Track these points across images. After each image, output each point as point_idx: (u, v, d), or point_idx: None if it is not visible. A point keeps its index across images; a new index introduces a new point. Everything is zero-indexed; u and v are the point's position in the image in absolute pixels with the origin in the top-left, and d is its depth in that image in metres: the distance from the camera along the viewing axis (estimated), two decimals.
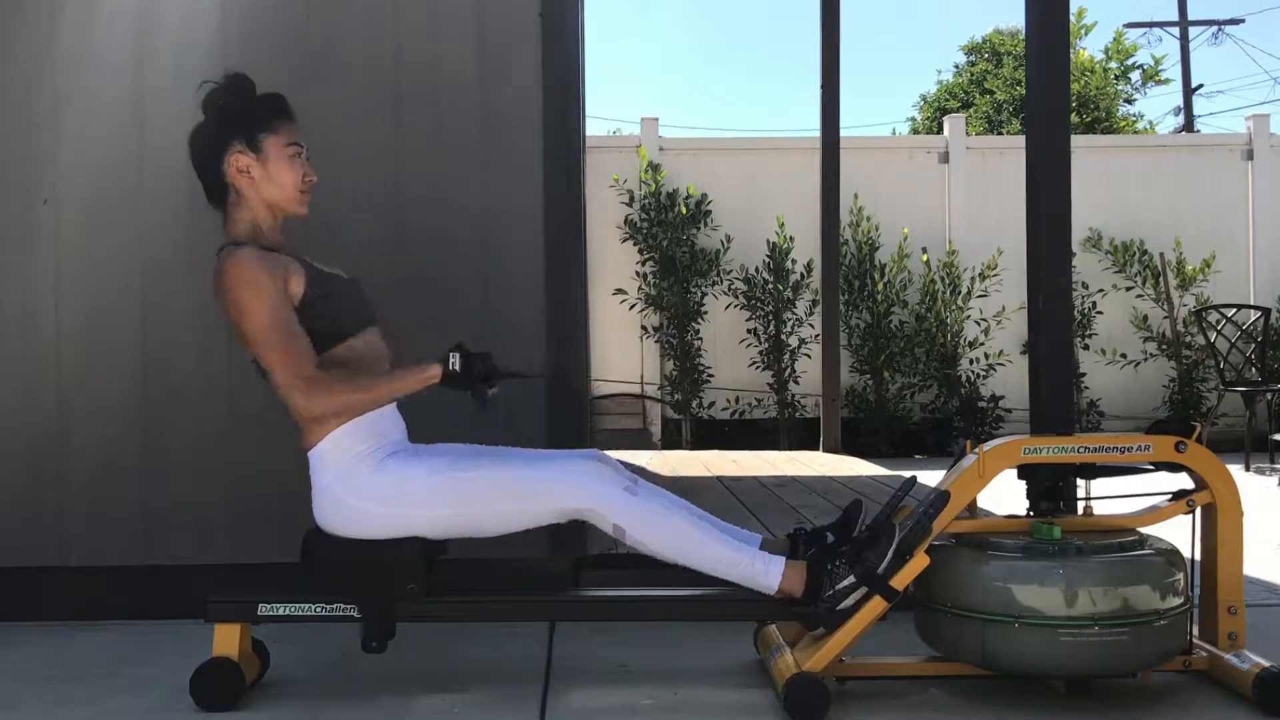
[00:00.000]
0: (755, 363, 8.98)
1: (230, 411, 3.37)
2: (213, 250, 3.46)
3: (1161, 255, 9.13)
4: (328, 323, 2.51)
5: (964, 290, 8.99)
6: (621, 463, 2.61)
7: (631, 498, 2.46)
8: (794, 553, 2.59)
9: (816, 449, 7.22)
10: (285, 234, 2.66)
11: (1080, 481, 2.66)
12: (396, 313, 3.34)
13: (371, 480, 2.46)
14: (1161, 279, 9.12)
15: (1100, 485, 2.64)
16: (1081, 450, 2.48)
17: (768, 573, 2.46)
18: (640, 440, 8.74)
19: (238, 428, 3.37)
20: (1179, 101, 24.74)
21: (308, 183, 2.61)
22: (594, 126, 32.64)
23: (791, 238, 8.93)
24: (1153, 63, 21.77)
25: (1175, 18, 22.38)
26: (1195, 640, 2.51)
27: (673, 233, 9.00)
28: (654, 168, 9.12)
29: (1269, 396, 7.87)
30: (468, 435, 2.72)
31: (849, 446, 7.38)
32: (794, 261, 8.96)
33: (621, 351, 9.11)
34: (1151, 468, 2.56)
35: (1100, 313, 9.17)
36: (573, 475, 2.47)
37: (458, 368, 2.45)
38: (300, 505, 3.35)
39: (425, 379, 2.47)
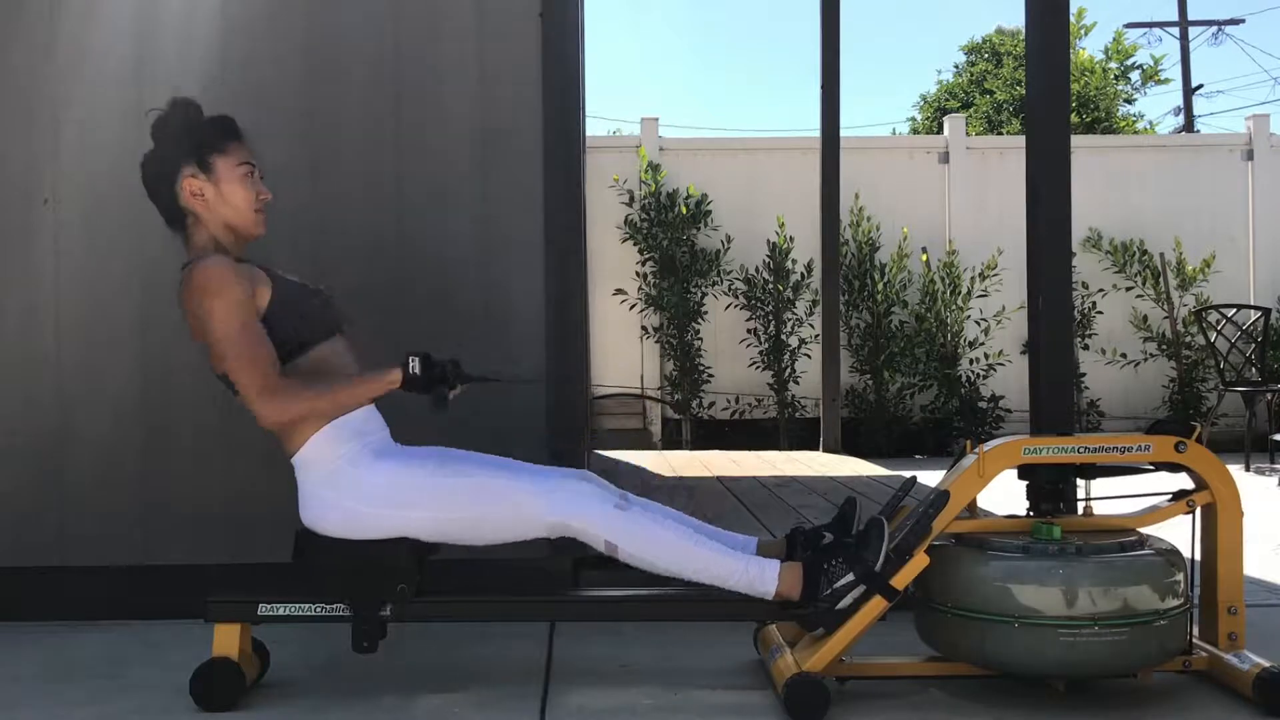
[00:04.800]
0: (755, 363, 8.98)
1: (230, 411, 3.36)
2: None
3: (1161, 255, 9.13)
4: (292, 332, 2.52)
5: (964, 290, 8.99)
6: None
7: (622, 514, 2.47)
8: (791, 553, 2.60)
9: (816, 449, 7.21)
10: (248, 250, 2.66)
11: (1080, 481, 2.66)
12: (396, 313, 3.36)
13: (360, 480, 2.46)
14: (1161, 279, 9.12)
15: (1100, 485, 2.64)
16: (1081, 450, 2.48)
17: (763, 578, 2.46)
18: (640, 440, 8.74)
19: (237, 428, 3.36)
20: (1179, 101, 24.76)
21: (262, 201, 2.61)
22: (594, 126, 32.65)
23: (791, 238, 8.93)
24: (1152, 63, 21.78)
25: (1175, 18, 22.39)
26: (1195, 640, 2.51)
27: (673, 233, 9.00)
28: (654, 168, 9.12)
29: (1269, 396, 7.87)
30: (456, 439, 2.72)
31: (849, 446, 7.37)
32: (794, 261, 8.96)
33: (621, 351, 9.11)
34: (1151, 468, 2.56)
35: (1100, 313, 9.17)
36: (564, 491, 2.48)
37: (417, 370, 2.47)
38: (297, 504, 3.35)
39: (386, 383, 2.49)
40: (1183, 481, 2.59)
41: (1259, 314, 8.04)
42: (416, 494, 2.46)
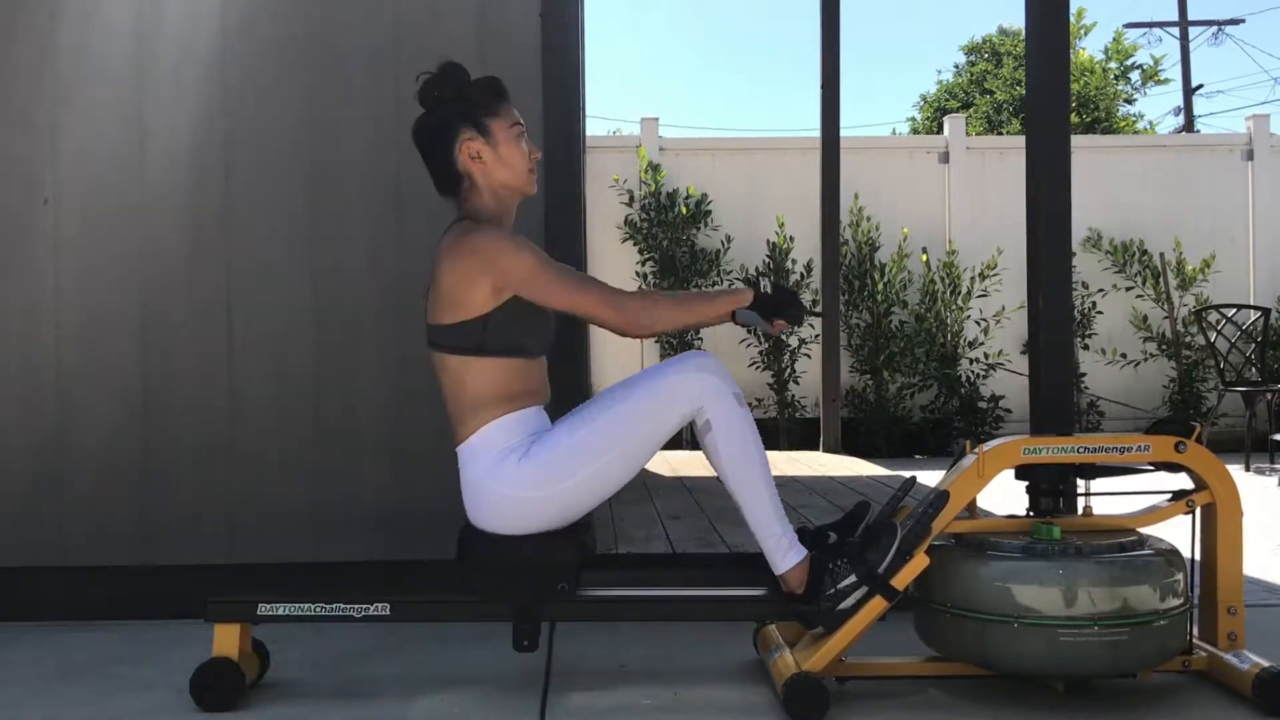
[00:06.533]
0: (755, 363, 8.98)
1: (230, 412, 3.38)
2: (213, 249, 3.47)
3: (1161, 255, 9.13)
4: (525, 332, 2.48)
5: (964, 290, 8.99)
6: None
7: (738, 405, 2.47)
8: None
9: (816, 449, 7.21)
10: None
11: (1080, 481, 2.66)
12: (397, 314, 3.36)
13: (520, 469, 2.43)
14: (1161, 279, 9.12)
15: (1100, 485, 2.64)
16: (1081, 450, 2.48)
17: (789, 553, 2.46)
18: None
19: (237, 428, 3.38)
20: (1179, 101, 24.76)
21: (534, 160, 2.58)
22: (594, 126, 32.66)
23: (791, 238, 8.93)
24: (1152, 63, 21.78)
25: (1175, 18, 22.39)
26: (1195, 640, 2.52)
27: (673, 233, 9.00)
28: (654, 168, 9.12)
29: (1269, 396, 7.86)
30: None
31: (849, 446, 7.37)
32: (794, 261, 8.96)
33: (621, 352, 9.10)
34: (1151, 468, 2.56)
35: (1100, 313, 9.17)
36: (691, 370, 2.46)
37: (769, 289, 2.49)
38: (299, 505, 3.36)
39: (737, 300, 2.49)
40: (1182, 481, 2.59)
41: (1259, 314, 8.04)
42: (575, 453, 2.43)
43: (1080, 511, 2.61)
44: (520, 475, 2.43)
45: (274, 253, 3.40)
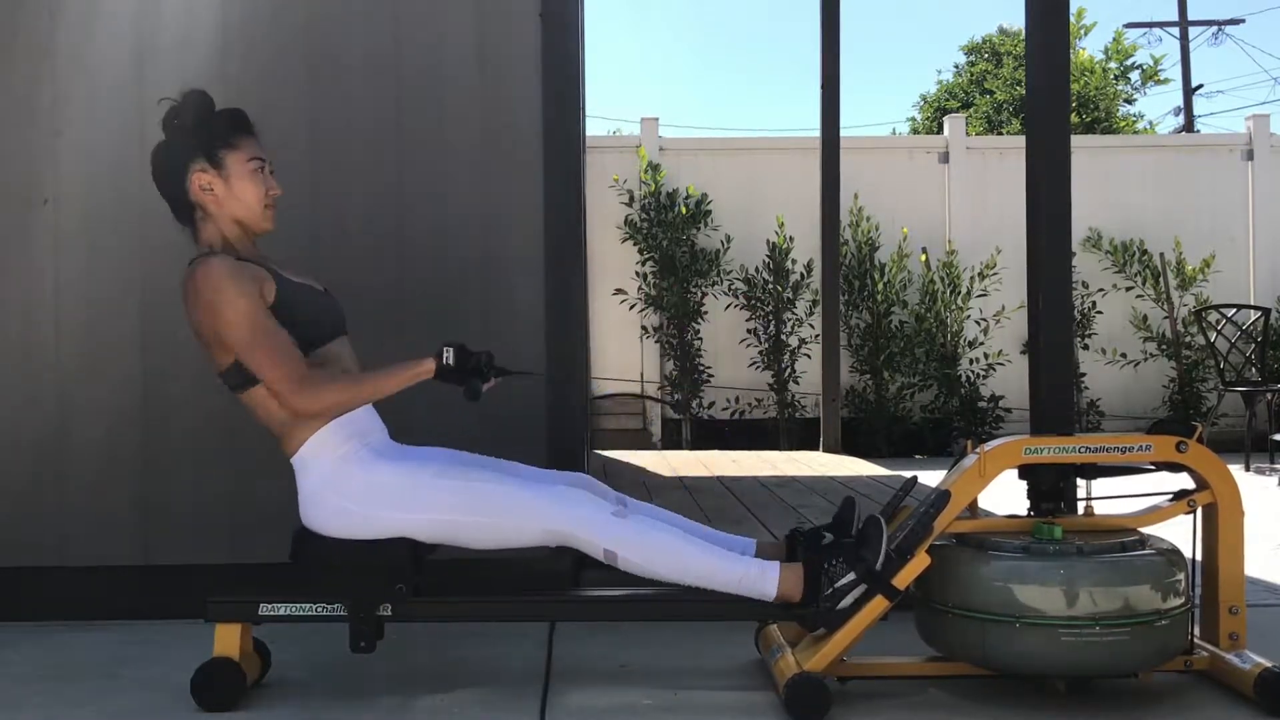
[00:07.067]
0: (755, 363, 8.98)
1: (230, 411, 3.36)
2: None
3: (1161, 255, 9.13)
4: (298, 330, 2.49)
5: (964, 290, 8.99)
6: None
7: (620, 521, 2.46)
8: (791, 554, 2.60)
9: (816, 449, 7.21)
10: (260, 246, 2.63)
11: (1081, 481, 2.66)
12: (397, 314, 3.36)
13: (359, 482, 2.45)
14: (1161, 279, 9.12)
15: (1101, 485, 2.64)
16: (1082, 450, 2.48)
17: (764, 580, 2.46)
18: (640, 440, 8.74)
19: (238, 427, 3.36)
20: (1179, 101, 24.76)
21: (272, 197, 2.58)
22: (594, 126, 32.66)
23: (791, 238, 8.93)
24: (1152, 63, 21.78)
25: (1175, 18, 22.38)
26: (1196, 640, 2.51)
27: (673, 233, 9.00)
28: (654, 168, 9.12)
29: (1269, 396, 7.86)
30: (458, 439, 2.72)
31: (849, 446, 7.37)
32: (794, 261, 8.96)
33: (621, 352, 9.10)
34: (1152, 468, 2.55)
35: (1100, 313, 9.17)
36: (562, 499, 2.47)
37: (451, 361, 2.46)
38: (298, 504, 3.35)
39: (419, 373, 2.48)
40: (1183, 481, 2.59)
41: (1259, 314, 8.04)
42: (416, 497, 2.45)
43: (1081, 511, 2.61)
44: (360, 488, 2.45)
45: (274, 252, 3.39)
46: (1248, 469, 7.20)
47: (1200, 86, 23.09)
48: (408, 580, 2.48)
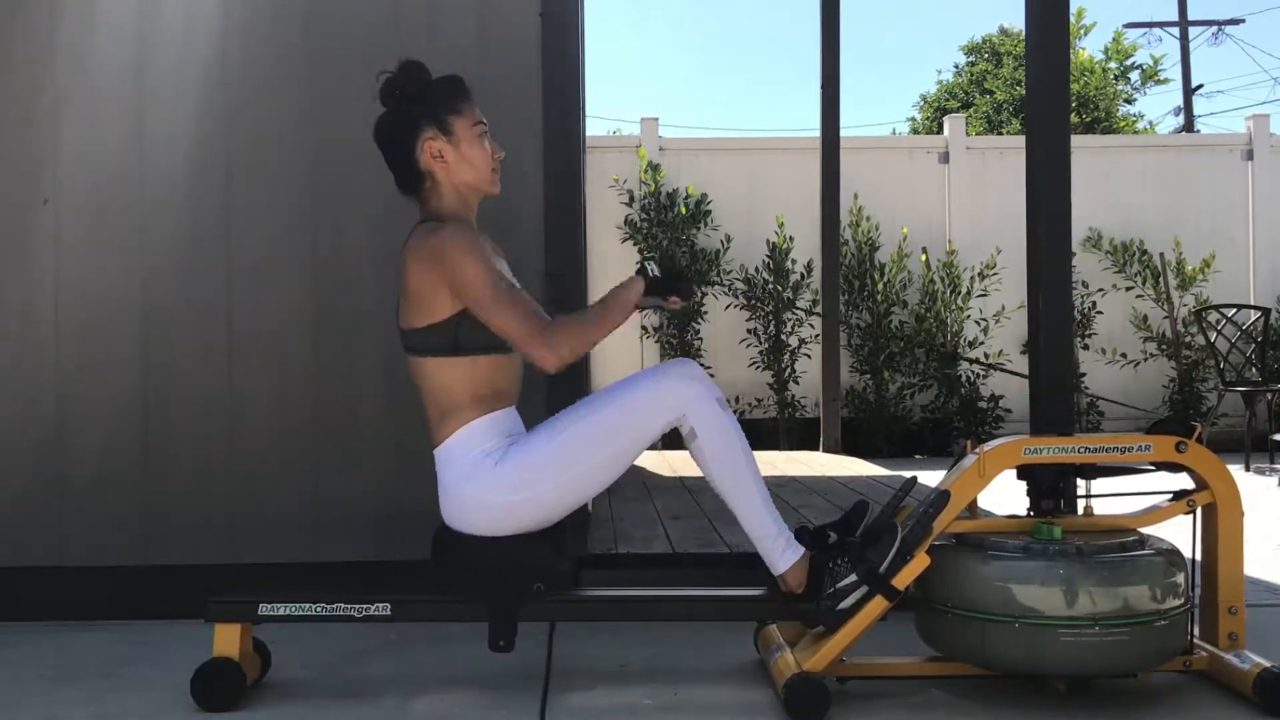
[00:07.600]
0: (755, 363, 8.98)
1: (230, 411, 3.38)
2: (213, 248, 3.47)
3: (1161, 255, 9.13)
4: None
5: (964, 290, 8.99)
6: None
7: (720, 409, 2.48)
8: None
9: (816, 449, 7.21)
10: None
11: (1080, 481, 2.66)
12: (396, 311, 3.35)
13: (498, 472, 2.43)
14: (1161, 279, 9.12)
15: (1101, 485, 2.64)
16: (1082, 450, 2.48)
17: (786, 552, 2.47)
18: None
19: (238, 427, 3.38)
20: (1179, 101, 24.77)
21: (497, 160, 2.58)
22: (594, 126, 32.67)
23: (791, 238, 8.93)
24: (1152, 63, 21.79)
25: (1175, 18, 22.39)
26: (1195, 640, 2.51)
27: (673, 233, 8.99)
28: (654, 168, 9.11)
29: (1269, 396, 7.86)
30: None
31: (849, 446, 7.37)
32: (794, 261, 8.95)
33: (621, 351, 9.10)
34: (1152, 468, 2.56)
35: (1100, 313, 9.17)
36: (673, 378, 2.46)
37: (658, 273, 2.47)
38: (298, 504, 3.36)
39: (631, 296, 2.46)
40: (1183, 481, 2.59)
41: (1259, 314, 8.04)
42: (554, 459, 2.43)
43: (1081, 511, 2.61)
44: (498, 479, 2.43)
45: (274, 252, 3.40)
46: (1248, 469, 7.19)
47: (1200, 86, 23.11)
48: (547, 579, 2.48)
